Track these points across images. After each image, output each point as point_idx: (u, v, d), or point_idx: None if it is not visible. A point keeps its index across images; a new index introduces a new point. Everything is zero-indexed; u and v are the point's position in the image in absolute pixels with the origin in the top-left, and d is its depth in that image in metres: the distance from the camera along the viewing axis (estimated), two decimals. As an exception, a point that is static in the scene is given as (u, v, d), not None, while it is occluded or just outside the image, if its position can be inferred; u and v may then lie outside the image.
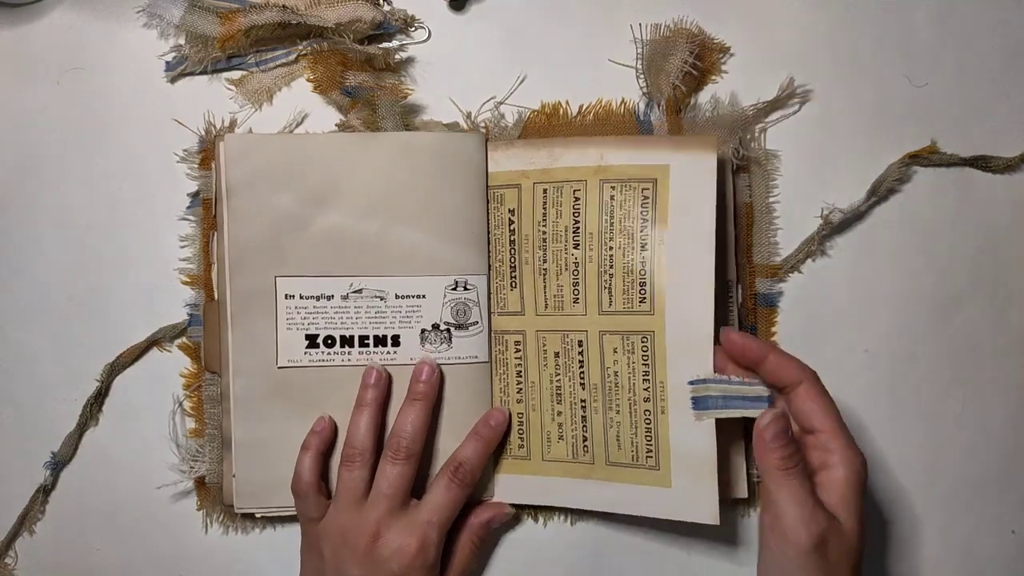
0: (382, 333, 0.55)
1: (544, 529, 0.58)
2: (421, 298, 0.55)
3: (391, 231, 0.54)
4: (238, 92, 0.57)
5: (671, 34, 0.56)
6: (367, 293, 0.54)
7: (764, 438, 0.45)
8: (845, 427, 0.46)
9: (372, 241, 0.54)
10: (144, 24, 0.57)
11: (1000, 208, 0.58)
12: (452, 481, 0.51)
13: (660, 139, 0.53)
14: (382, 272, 0.54)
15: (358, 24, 0.55)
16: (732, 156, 0.55)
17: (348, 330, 0.54)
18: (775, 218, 0.58)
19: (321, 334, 0.54)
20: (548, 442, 0.55)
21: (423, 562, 0.50)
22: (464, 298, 0.55)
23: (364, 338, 0.55)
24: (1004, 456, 0.58)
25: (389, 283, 0.55)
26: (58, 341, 0.57)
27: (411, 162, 0.54)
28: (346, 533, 0.50)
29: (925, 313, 0.58)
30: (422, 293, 0.55)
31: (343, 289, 0.54)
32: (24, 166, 0.57)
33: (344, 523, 0.50)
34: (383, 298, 0.55)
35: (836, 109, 0.58)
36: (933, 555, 0.58)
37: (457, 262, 0.55)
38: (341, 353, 0.54)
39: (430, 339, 0.55)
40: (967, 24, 0.58)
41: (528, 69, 0.58)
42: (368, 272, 0.54)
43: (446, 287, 0.54)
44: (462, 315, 0.55)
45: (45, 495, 0.57)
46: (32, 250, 0.57)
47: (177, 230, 0.57)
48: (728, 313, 0.55)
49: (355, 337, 0.54)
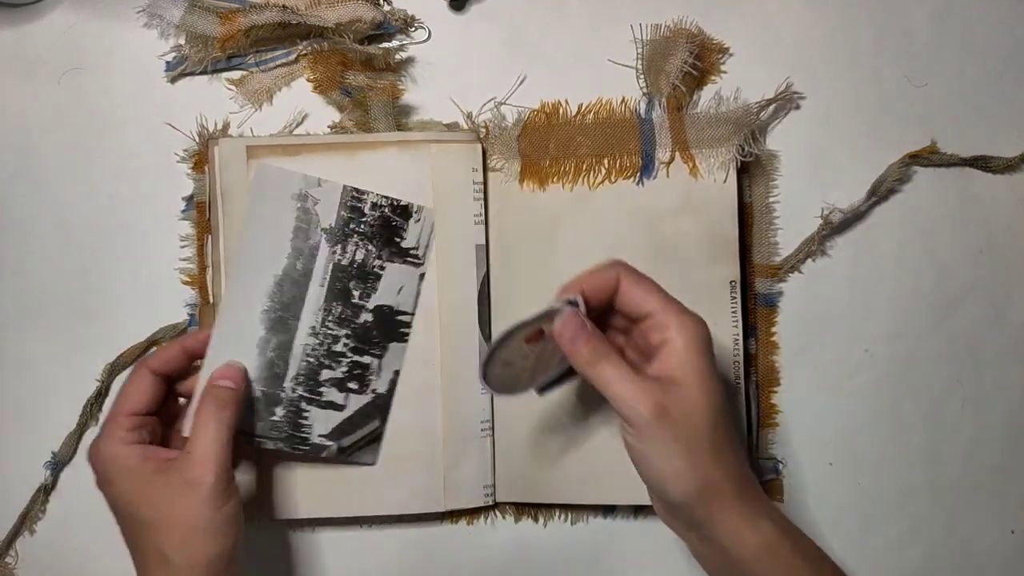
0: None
1: (544, 529, 0.58)
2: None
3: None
4: (238, 92, 0.57)
5: (671, 34, 0.56)
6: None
7: (564, 338, 0.44)
8: (674, 300, 0.45)
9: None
10: (144, 24, 0.57)
11: (1000, 208, 0.58)
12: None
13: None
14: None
15: (358, 24, 0.55)
16: (736, 154, 0.55)
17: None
18: (775, 218, 0.58)
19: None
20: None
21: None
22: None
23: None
24: (1004, 456, 0.58)
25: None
26: (58, 341, 0.57)
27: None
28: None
29: (925, 313, 0.58)
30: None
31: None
32: (24, 166, 0.57)
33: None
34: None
35: (836, 109, 0.58)
36: (933, 555, 0.58)
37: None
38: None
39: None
40: (967, 24, 0.58)
41: (528, 69, 0.58)
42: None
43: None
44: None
45: (45, 495, 0.57)
46: (32, 250, 0.57)
47: (177, 230, 0.57)
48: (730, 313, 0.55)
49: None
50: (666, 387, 0.43)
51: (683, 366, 0.43)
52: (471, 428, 0.56)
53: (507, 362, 0.46)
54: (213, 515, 0.45)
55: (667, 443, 0.42)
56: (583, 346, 0.44)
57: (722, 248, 0.55)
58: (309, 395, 0.53)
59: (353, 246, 0.53)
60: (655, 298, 0.44)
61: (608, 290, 0.45)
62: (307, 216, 0.53)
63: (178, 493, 0.46)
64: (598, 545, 0.58)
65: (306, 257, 0.53)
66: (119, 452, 0.47)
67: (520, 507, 0.58)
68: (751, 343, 0.57)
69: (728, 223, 0.55)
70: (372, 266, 0.54)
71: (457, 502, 0.56)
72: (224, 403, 0.48)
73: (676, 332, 0.43)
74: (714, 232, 0.55)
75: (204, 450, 0.46)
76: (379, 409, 0.54)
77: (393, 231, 0.54)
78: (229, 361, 0.51)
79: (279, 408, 0.52)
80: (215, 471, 0.46)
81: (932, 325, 0.58)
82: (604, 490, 0.56)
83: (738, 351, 0.55)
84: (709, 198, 0.55)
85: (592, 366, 0.43)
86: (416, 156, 0.55)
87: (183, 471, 0.46)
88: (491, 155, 0.57)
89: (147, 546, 0.46)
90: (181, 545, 0.45)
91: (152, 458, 0.47)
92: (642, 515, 0.58)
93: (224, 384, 0.49)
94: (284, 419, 0.53)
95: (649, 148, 0.56)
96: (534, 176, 0.56)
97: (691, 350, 0.43)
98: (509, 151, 0.56)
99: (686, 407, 0.42)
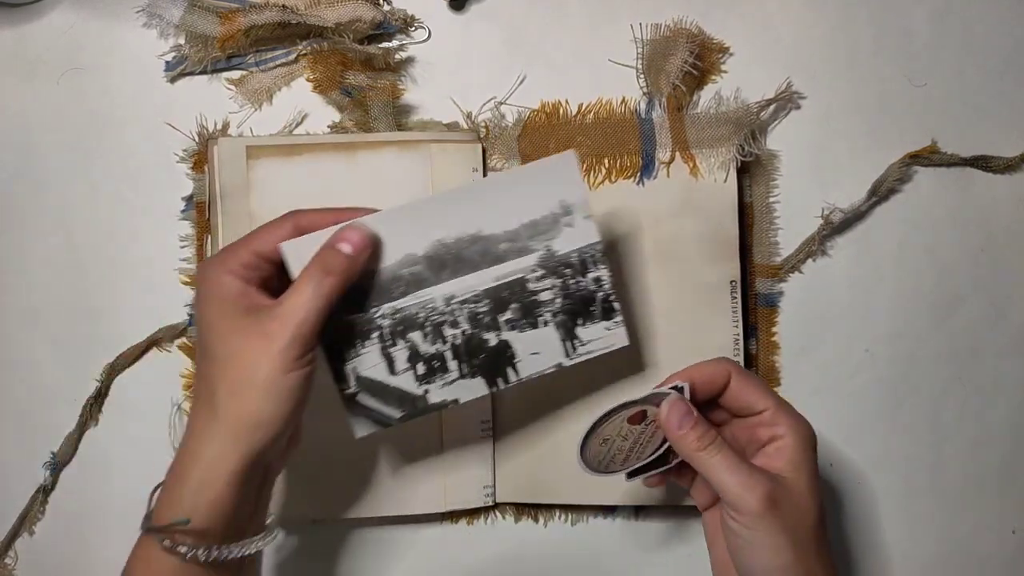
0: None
1: (544, 529, 0.58)
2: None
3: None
4: (238, 92, 0.57)
5: (671, 34, 0.56)
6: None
7: (672, 427, 0.45)
8: (785, 401, 0.46)
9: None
10: (144, 24, 0.57)
11: (1001, 208, 0.58)
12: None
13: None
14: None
15: (358, 24, 0.55)
16: (737, 153, 0.55)
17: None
18: (775, 218, 0.58)
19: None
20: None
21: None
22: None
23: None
24: (1004, 456, 0.58)
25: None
26: (58, 341, 0.57)
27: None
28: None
29: (925, 313, 0.58)
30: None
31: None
32: (24, 166, 0.57)
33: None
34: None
35: (836, 109, 0.58)
36: (933, 555, 0.58)
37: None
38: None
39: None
40: (967, 24, 0.58)
41: (528, 69, 0.58)
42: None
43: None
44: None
45: (45, 495, 0.57)
46: (32, 250, 0.57)
47: (177, 230, 0.57)
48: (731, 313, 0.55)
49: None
50: (773, 479, 0.44)
51: (794, 465, 0.44)
52: (471, 428, 0.56)
53: (606, 439, 0.46)
54: (275, 377, 0.42)
55: (776, 535, 0.43)
56: (691, 431, 0.44)
57: (722, 248, 0.55)
58: (388, 334, 0.48)
59: (547, 284, 0.49)
60: (769, 398, 0.46)
61: (716, 384, 0.46)
62: (552, 224, 0.48)
63: (250, 340, 0.42)
64: (598, 545, 0.58)
65: (516, 246, 0.48)
66: (222, 279, 0.44)
67: (520, 507, 0.58)
68: (751, 343, 0.57)
69: (728, 223, 0.55)
70: (540, 314, 0.49)
71: (457, 502, 0.56)
72: (330, 269, 0.44)
73: (789, 432, 0.45)
74: (714, 232, 0.55)
75: (290, 308, 0.43)
76: (410, 407, 0.49)
77: (583, 313, 0.49)
78: (356, 222, 0.46)
79: (357, 315, 0.47)
80: (292, 332, 0.42)
81: (932, 325, 0.58)
82: (604, 490, 0.56)
83: (738, 351, 0.55)
84: (709, 198, 0.55)
85: (700, 452, 0.44)
86: (416, 156, 0.55)
87: (263, 321, 0.43)
88: (491, 155, 0.57)
89: (206, 385, 0.43)
90: (232, 393, 0.42)
91: (248, 297, 0.44)
92: (642, 515, 0.58)
93: (340, 247, 0.45)
94: (351, 328, 0.48)
95: (649, 148, 0.56)
96: (534, 176, 0.56)
97: (803, 451, 0.45)
98: (509, 151, 0.56)
99: (795, 502, 0.43)
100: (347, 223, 0.45)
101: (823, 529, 0.45)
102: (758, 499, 0.42)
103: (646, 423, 0.46)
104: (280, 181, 0.54)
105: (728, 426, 0.48)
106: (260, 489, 0.45)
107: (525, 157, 0.56)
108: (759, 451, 0.46)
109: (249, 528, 0.44)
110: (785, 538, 0.43)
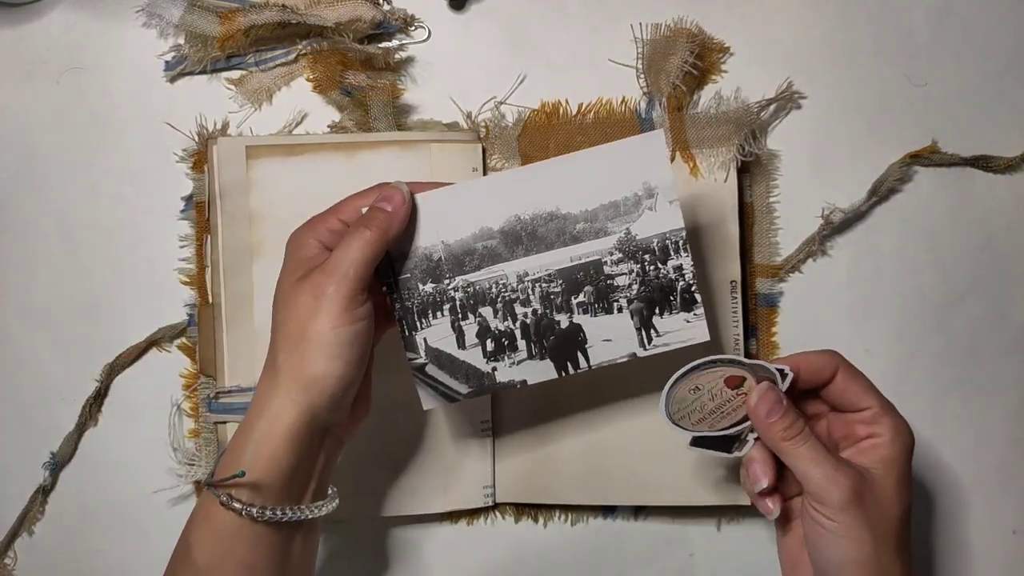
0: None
1: (544, 529, 0.58)
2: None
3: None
4: (238, 92, 0.57)
5: (671, 34, 0.56)
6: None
7: (760, 415, 0.45)
8: (889, 402, 0.47)
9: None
10: (144, 24, 0.57)
11: (1001, 208, 0.58)
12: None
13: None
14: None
15: (358, 24, 0.55)
16: (737, 153, 0.54)
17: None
18: (776, 218, 0.58)
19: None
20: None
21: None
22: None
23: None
24: (1004, 456, 0.58)
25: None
26: (58, 341, 0.57)
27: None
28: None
29: (925, 313, 0.58)
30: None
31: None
32: (24, 166, 0.57)
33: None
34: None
35: (836, 109, 0.58)
36: (933, 555, 0.58)
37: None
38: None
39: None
40: (967, 24, 0.58)
41: (528, 69, 0.58)
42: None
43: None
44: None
45: (44, 495, 0.57)
46: (32, 250, 0.57)
47: (177, 230, 0.57)
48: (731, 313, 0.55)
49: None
50: (859, 474, 0.44)
51: (888, 464, 0.45)
52: (471, 428, 0.56)
53: (698, 387, 0.47)
54: (327, 332, 0.43)
55: (858, 528, 0.43)
56: (779, 421, 0.45)
57: (722, 248, 0.55)
58: (460, 307, 0.47)
59: (624, 269, 0.47)
60: (873, 398, 0.46)
61: (822, 377, 0.47)
62: (634, 206, 0.46)
63: (304, 297, 0.44)
64: (598, 545, 0.58)
65: (593, 227, 0.47)
66: (305, 241, 0.46)
67: (520, 507, 0.58)
68: (752, 343, 0.57)
69: (728, 223, 0.55)
70: (615, 299, 0.47)
71: (457, 502, 0.56)
72: (371, 223, 0.45)
73: (889, 432, 0.45)
74: (714, 232, 0.55)
75: (335, 263, 0.44)
76: (477, 384, 0.48)
77: (661, 303, 0.48)
78: (392, 183, 0.47)
79: (430, 285, 0.47)
80: (339, 285, 0.43)
81: (932, 325, 0.58)
82: (604, 490, 0.56)
83: (739, 351, 0.55)
84: (710, 198, 0.55)
85: (786, 442, 0.45)
86: (416, 156, 0.55)
87: (314, 278, 0.44)
88: (491, 155, 0.57)
89: (272, 346, 0.45)
90: (289, 350, 0.44)
91: (318, 260, 0.45)
92: (642, 515, 0.58)
93: (380, 205, 0.46)
94: (425, 297, 0.47)
95: (649, 148, 0.55)
96: (534, 176, 0.56)
97: (900, 452, 0.45)
98: (509, 151, 0.56)
99: (880, 499, 0.44)
100: (389, 183, 0.47)
101: (906, 530, 0.45)
102: (844, 492, 0.43)
103: (738, 391, 0.46)
104: (280, 181, 0.54)
105: (824, 418, 0.48)
106: (321, 454, 0.46)
107: (525, 157, 0.56)
108: (853, 446, 0.46)
109: (307, 496, 0.45)
110: (868, 532, 0.43)
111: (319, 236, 0.46)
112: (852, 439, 0.46)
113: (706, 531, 0.58)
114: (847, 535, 0.43)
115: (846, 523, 0.43)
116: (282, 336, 0.44)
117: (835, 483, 0.43)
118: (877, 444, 0.45)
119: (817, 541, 0.45)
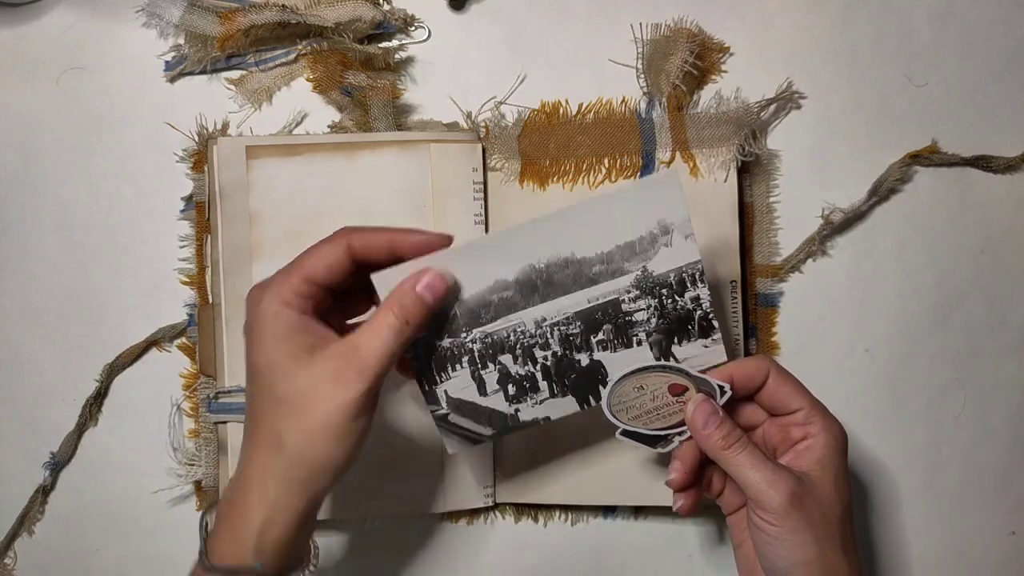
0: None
1: (544, 529, 0.58)
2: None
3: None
4: (237, 92, 0.57)
5: (671, 34, 0.56)
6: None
7: (696, 426, 0.46)
8: (819, 402, 0.47)
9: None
10: (144, 24, 0.57)
11: (1001, 208, 0.58)
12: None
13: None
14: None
15: (358, 24, 0.55)
16: (737, 153, 0.54)
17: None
18: (776, 218, 0.58)
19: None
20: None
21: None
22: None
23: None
24: (1004, 456, 0.58)
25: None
26: (58, 341, 0.57)
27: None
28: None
29: (925, 313, 0.58)
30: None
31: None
32: (24, 166, 0.57)
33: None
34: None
35: (836, 109, 0.58)
36: (933, 555, 0.58)
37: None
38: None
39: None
40: (967, 24, 0.58)
41: (528, 69, 0.58)
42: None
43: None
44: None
45: (44, 495, 0.57)
46: (32, 250, 0.57)
47: (176, 230, 0.57)
48: (731, 313, 0.55)
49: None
50: (798, 478, 0.45)
51: (823, 464, 0.45)
52: (471, 428, 0.56)
53: (642, 387, 0.47)
54: (347, 424, 0.41)
55: (800, 531, 0.44)
56: (716, 431, 0.46)
57: (722, 248, 0.55)
58: (479, 357, 0.47)
59: (642, 305, 0.47)
60: (804, 398, 0.47)
61: (755, 382, 0.47)
62: (650, 245, 0.46)
63: (322, 384, 0.41)
64: (598, 545, 0.58)
65: (610, 268, 0.46)
66: (281, 313, 0.42)
67: (520, 507, 0.58)
68: (751, 343, 0.57)
69: (728, 223, 0.55)
70: (634, 334, 0.47)
71: (457, 502, 0.56)
72: (412, 315, 0.43)
73: (821, 432, 0.46)
74: (714, 232, 0.55)
75: (368, 355, 0.41)
76: (501, 425, 0.48)
77: (679, 332, 0.48)
78: (442, 271, 0.44)
79: (447, 340, 0.46)
80: (370, 382, 0.41)
81: (932, 325, 0.58)
82: (604, 490, 0.56)
83: (739, 351, 0.55)
84: (709, 198, 0.55)
85: (725, 451, 0.45)
86: (416, 156, 0.55)
87: (339, 367, 0.41)
88: (491, 155, 0.56)
89: (267, 423, 0.42)
90: (302, 438, 0.41)
91: (309, 332, 0.42)
92: (642, 515, 0.58)
93: (423, 294, 0.43)
94: (443, 352, 0.47)
95: (649, 148, 0.56)
96: (534, 176, 0.56)
97: (831, 450, 0.46)
98: (509, 151, 0.56)
99: (820, 500, 0.45)
100: (431, 265, 0.44)
101: (848, 526, 0.46)
102: (783, 495, 0.44)
103: (679, 399, 0.47)
104: (280, 181, 0.54)
105: (763, 425, 0.49)
106: (314, 522, 0.45)
107: (525, 157, 0.56)
108: (790, 449, 0.47)
109: (303, 563, 0.46)
110: (809, 534, 0.44)
111: (290, 303, 0.42)
112: (788, 442, 0.47)
113: (705, 531, 0.58)
114: (791, 538, 0.44)
115: (788, 526, 0.44)
116: (293, 421, 0.41)
117: (774, 487, 0.44)
118: (811, 445, 0.46)
119: (763, 547, 0.45)
